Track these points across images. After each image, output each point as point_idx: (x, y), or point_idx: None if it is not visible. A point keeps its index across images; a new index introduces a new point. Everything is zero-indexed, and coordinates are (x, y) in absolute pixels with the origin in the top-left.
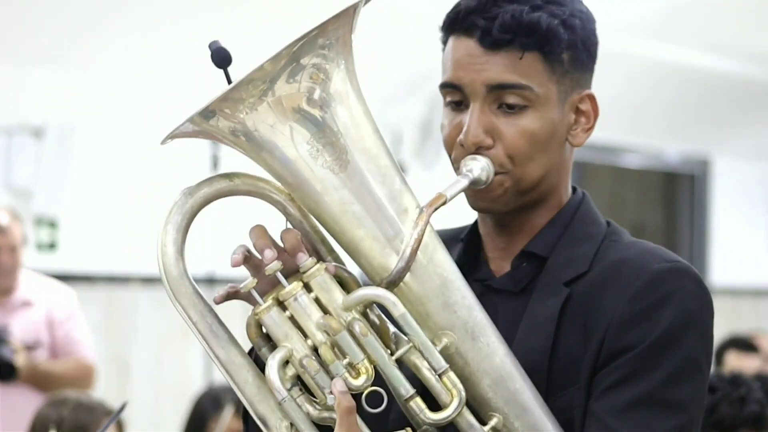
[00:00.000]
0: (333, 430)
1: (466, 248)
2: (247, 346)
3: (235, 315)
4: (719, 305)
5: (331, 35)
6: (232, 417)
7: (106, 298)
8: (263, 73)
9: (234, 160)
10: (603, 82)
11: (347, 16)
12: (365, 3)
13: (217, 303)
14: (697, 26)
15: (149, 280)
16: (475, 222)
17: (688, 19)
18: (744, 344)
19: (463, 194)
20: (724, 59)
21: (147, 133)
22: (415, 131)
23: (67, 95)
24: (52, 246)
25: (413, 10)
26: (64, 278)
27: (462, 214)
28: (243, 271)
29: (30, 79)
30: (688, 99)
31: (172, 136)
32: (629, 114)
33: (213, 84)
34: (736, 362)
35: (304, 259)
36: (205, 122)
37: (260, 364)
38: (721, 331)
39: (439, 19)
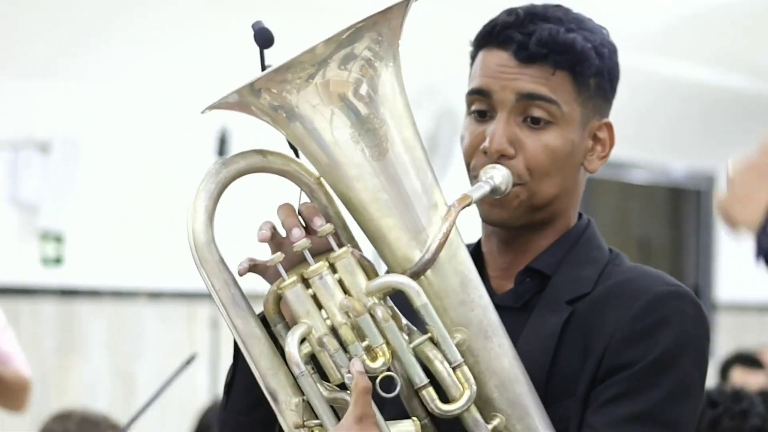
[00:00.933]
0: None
1: None
2: None
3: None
4: (725, 321)
5: (384, 27)
6: None
7: (112, 312)
8: (312, 56)
9: (239, 180)
10: None
11: (399, 11)
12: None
13: (241, 275)
14: (702, 41)
15: (155, 295)
16: (479, 241)
17: (694, 33)
18: (749, 360)
19: (476, 207)
20: (729, 74)
21: (152, 147)
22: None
23: (73, 109)
24: (57, 260)
25: (420, 26)
26: (70, 293)
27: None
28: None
29: (36, 94)
30: (694, 114)
31: (215, 106)
32: (635, 129)
33: (219, 96)
34: (741, 378)
35: (320, 223)
36: (251, 96)
37: (274, 336)
38: (726, 346)
39: (447, 33)
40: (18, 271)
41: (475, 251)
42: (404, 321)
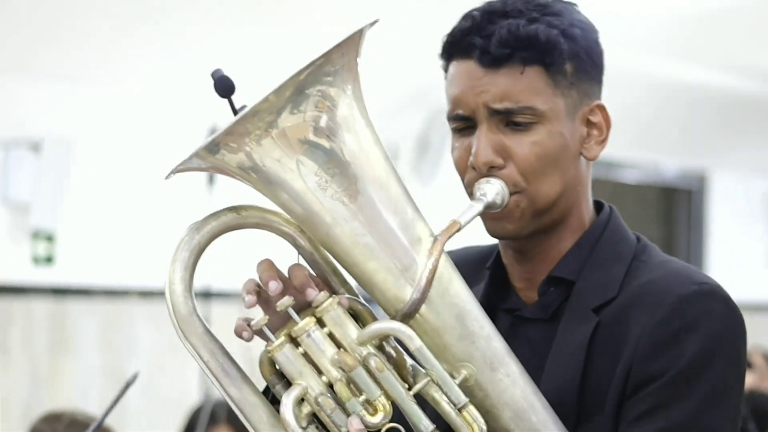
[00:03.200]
0: None
1: (492, 278)
2: (257, 381)
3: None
4: None
5: (337, 62)
6: (225, 430)
7: (104, 311)
8: (268, 105)
9: (231, 179)
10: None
11: (353, 42)
12: (370, 26)
13: (248, 341)
14: (693, 43)
15: (147, 294)
16: (499, 251)
17: (685, 35)
18: None
19: (480, 220)
20: (721, 74)
21: (145, 148)
22: (412, 146)
23: (66, 109)
24: (49, 260)
25: (411, 25)
26: (62, 292)
27: (481, 234)
28: (241, 285)
29: (28, 93)
30: (685, 115)
31: (177, 170)
32: (626, 129)
33: (212, 99)
34: None
35: (314, 295)
36: (210, 156)
37: (276, 400)
38: None
39: (438, 34)
40: (9, 271)
41: (496, 263)
42: (410, 361)
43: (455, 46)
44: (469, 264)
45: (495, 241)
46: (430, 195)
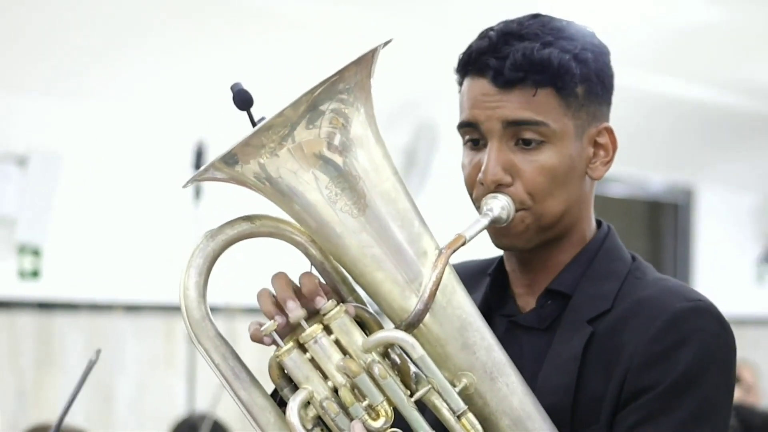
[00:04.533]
0: None
1: (493, 283)
2: (265, 382)
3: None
4: None
5: (351, 80)
6: None
7: (89, 326)
8: (283, 119)
9: (217, 192)
10: None
11: (366, 61)
12: (384, 46)
13: (268, 345)
14: (679, 57)
15: (132, 308)
16: (502, 257)
17: (673, 50)
18: None
19: (486, 232)
20: (708, 89)
21: (131, 162)
22: (400, 159)
23: (52, 124)
24: (35, 274)
25: (400, 39)
26: (47, 306)
27: (487, 246)
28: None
29: (14, 107)
30: (672, 129)
31: (194, 180)
32: None
33: (199, 114)
34: None
35: (323, 303)
36: (226, 167)
37: (284, 403)
38: None
39: (425, 49)
40: None
41: (498, 268)
42: (413, 369)
43: (471, 65)
44: (469, 273)
45: (496, 253)
46: (418, 207)
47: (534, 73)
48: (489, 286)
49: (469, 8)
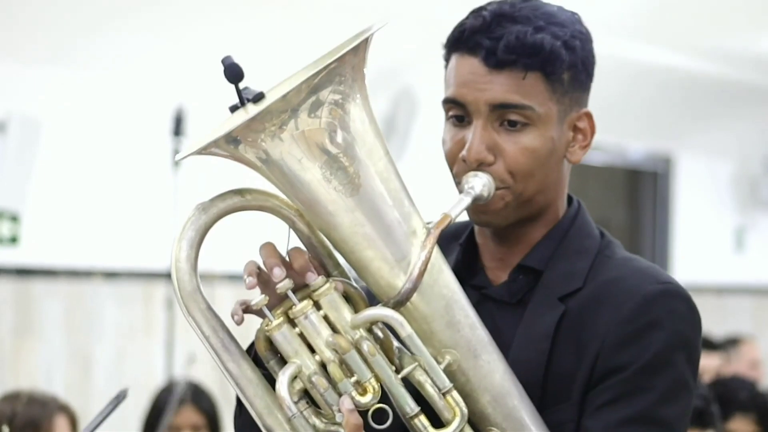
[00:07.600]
0: None
1: (464, 254)
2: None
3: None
4: None
5: (347, 66)
6: (190, 411)
7: (68, 292)
8: (284, 104)
9: (196, 159)
10: None
11: (362, 47)
12: (379, 28)
13: (238, 324)
14: (658, 25)
15: (111, 275)
16: (473, 228)
17: (651, 18)
18: (704, 342)
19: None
20: (687, 57)
21: (111, 129)
22: (380, 127)
23: (32, 90)
24: (13, 240)
25: (377, 7)
26: (26, 272)
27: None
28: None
29: None
30: (651, 97)
31: (189, 155)
32: (592, 112)
33: (178, 82)
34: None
35: (313, 279)
36: (226, 146)
37: (269, 374)
38: None
39: (404, 16)
40: None
41: (469, 240)
42: (396, 344)
43: (462, 42)
44: (441, 237)
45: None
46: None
47: (525, 57)
48: (459, 257)
49: None
